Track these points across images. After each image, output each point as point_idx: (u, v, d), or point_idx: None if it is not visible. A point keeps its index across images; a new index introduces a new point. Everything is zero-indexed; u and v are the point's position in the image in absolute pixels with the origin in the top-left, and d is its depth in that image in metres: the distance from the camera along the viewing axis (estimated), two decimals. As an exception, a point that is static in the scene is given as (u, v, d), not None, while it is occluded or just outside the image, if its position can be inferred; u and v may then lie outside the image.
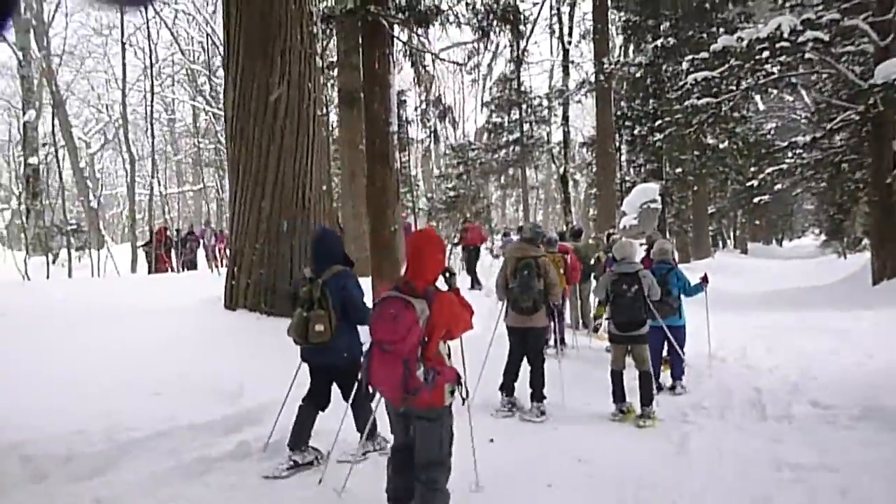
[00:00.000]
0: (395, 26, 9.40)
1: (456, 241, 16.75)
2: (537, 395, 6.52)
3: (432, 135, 18.55)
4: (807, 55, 14.89)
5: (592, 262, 10.67)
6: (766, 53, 14.57)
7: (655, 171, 25.09)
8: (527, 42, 28.22)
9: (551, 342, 7.93)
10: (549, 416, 6.27)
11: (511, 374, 6.60)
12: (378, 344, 3.45)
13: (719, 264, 28.56)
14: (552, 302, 6.63)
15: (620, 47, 28.54)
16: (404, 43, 11.10)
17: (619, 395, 6.38)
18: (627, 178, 25.83)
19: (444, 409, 3.52)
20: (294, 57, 7.49)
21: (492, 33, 9.66)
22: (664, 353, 7.47)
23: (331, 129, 19.78)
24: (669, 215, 25.55)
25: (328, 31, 12.51)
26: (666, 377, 7.45)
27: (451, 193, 23.40)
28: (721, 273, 24.84)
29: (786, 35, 14.24)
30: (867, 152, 17.05)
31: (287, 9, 7.42)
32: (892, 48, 14.79)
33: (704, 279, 7.76)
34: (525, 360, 6.59)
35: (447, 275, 3.83)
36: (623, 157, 27.12)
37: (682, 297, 7.53)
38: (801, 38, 14.22)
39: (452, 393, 3.53)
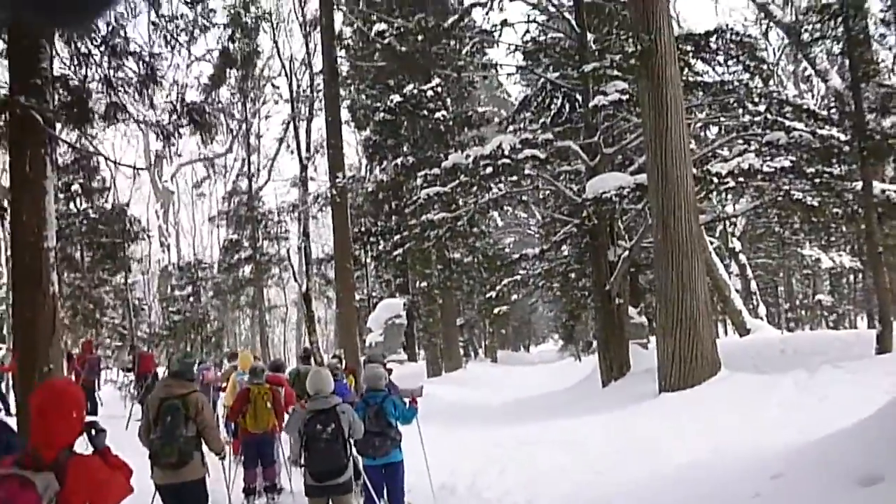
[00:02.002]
0: (58, 124, 8.02)
1: (129, 366, 14.81)
2: None
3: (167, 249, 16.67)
4: (527, 172, 15.64)
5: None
6: (489, 170, 15.05)
7: (402, 286, 25.09)
8: (258, 155, 27.98)
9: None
10: None
11: None
12: None
13: (470, 375, 28.92)
14: (213, 451, 5.42)
15: (366, 166, 29.09)
16: (70, 144, 9.66)
17: (319, 561, 5.23)
18: (375, 294, 25.51)
19: None
20: None
21: (176, 135, 8.55)
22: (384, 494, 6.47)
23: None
24: (417, 329, 25.52)
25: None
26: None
27: (176, 318, 21.25)
28: (471, 385, 25.09)
29: (506, 152, 14.87)
30: (588, 262, 18.22)
31: None
32: (600, 167, 16.12)
33: (413, 400, 6.96)
34: None
35: (91, 433, 3.10)
36: (370, 273, 26.93)
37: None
38: (520, 156, 14.93)
39: None
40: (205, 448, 5.35)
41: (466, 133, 26.53)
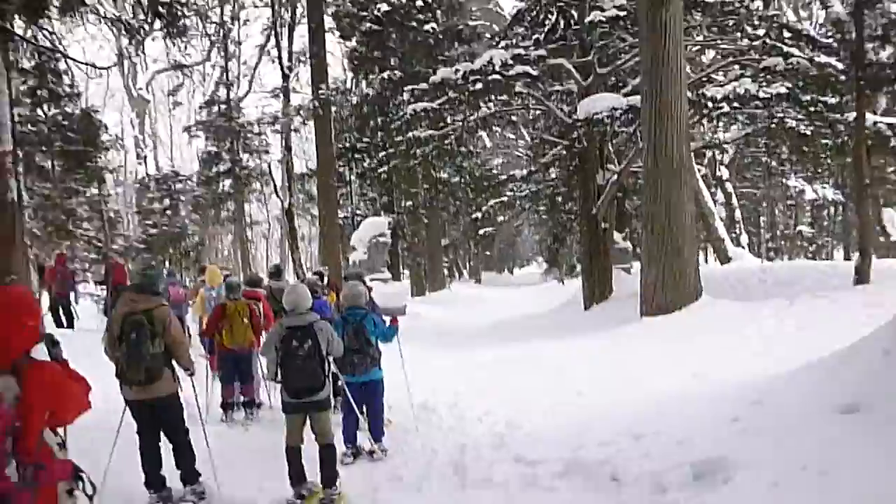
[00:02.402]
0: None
1: (101, 279, 14.51)
2: (189, 476, 5.26)
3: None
4: (518, 89, 15.22)
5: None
6: (479, 86, 14.63)
7: (387, 205, 24.84)
8: (238, 63, 27.04)
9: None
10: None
11: (151, 462, 5.14)
12: None
13: (454, 295, 29.17)
14: (182, 367, 5.31)
15: (351, 79, 28.26)
16: (22, 38, 9.04)
17: (296, 476, 5.20)
18: (359, 212, 25.27)
19: None
20: None
21: (142, 31, 8.06)
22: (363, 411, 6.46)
23: None
24: (402, 249, 25.43)
25: None
26: (364, 440, 6.42)
27: (153, 231, 20.82)
28: (454, 305, 25.27)
29: (497, 68, 14.42)
30: (576, 185, 18.04)
31: None
32: (593, 87, 15.72)
33: (393, 320, 6.87)
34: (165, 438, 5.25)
35: (49, 345, 3.09)
36: (355, 191, 26.62)
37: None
38: (511, 72, 14.49)
39: (71, 493, 2.87)
40: (175, 364, 5.22)
41: (457, 48, 25.72)
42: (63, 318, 13.10)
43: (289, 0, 24.27)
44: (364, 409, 6.42)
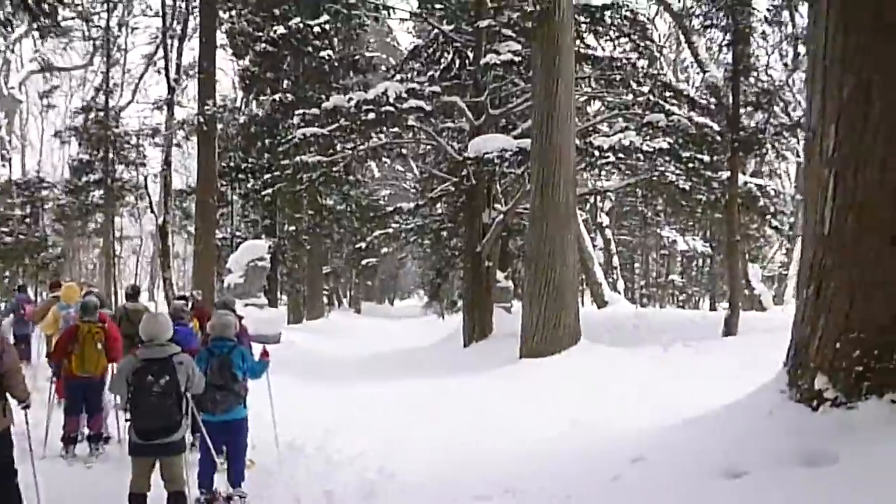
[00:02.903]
0: None
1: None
2: None
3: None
4: (410, 122, 15.12)
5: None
6: (372, 116, 14.40)
7: (269, 228, 24.04)
8: (122, 71, 25.58)
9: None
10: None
11: None
12: None
13: (332, 324, 28.48)
14: (16, 398, 4.65)
15: (242, 99, 27.38)
16: None
17: (139, 527, 4.63)
18: (239, 234, 24.27)
19: None
20: None
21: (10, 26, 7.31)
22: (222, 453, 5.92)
23: None
24: (281, 274, 24.61)
25: None
26: (222, 483, 5.86)
27: (8, 239, 19.08)
28: (332, 335, 24.62)
29: (391, 100, 14.26)
30: (462, 222, 18.07)
31: None
32: (484, 127, 15.85)
33: (264, 353, 6.39)
34: None
35: None
36: (236, 212, 25.61)
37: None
38: (405, 105, 14.37)
39: None
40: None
41: (351, 77, 25.46)
42: None
43: (181, 13, 23.27)
44: (223, 450, 5.89)
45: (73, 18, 21.74)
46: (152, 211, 24.13)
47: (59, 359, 7.05)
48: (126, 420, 4.72)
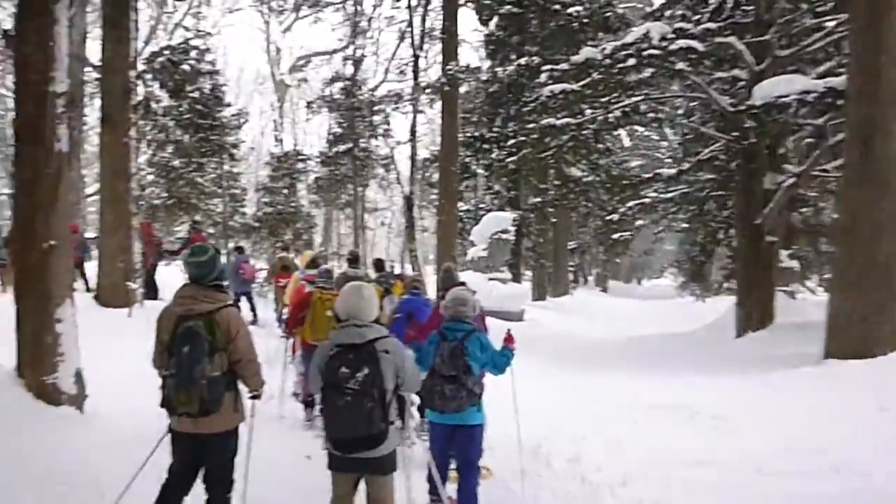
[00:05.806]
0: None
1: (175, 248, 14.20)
2: None
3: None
4: (678, 67, 12.78)
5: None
6: (631, 61, 12.35)
7: (513, 200, 22.89)
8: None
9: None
10: None
11: None
12: None
13: (578, 302, 26.88)
14: (251, 388, 3.81)
15: (488, 67, 26.56)
16: None
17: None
18: (483, 206, 23.42)
19: None
20: None
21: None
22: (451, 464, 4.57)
23: None
24: (525, 248, 23.36)
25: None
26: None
27: (268, 209, 19.93)
28: (578, 313, 23.01)
29: (655, 42, 12.11)
30: (735, 189, 15.36)
31: None
32: (767, 73, 13.04)
33: (508, 338, 4.83)
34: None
35: None
36: (481, 185, 24.86)
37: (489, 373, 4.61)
38: (671, 47, 12.14)
39: None
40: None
41: (602, 37, 23.35)
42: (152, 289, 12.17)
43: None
44: (451, 460, 4.53)
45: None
46: (398, 181, 24.17)
47: (293, 326, 7.02)
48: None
